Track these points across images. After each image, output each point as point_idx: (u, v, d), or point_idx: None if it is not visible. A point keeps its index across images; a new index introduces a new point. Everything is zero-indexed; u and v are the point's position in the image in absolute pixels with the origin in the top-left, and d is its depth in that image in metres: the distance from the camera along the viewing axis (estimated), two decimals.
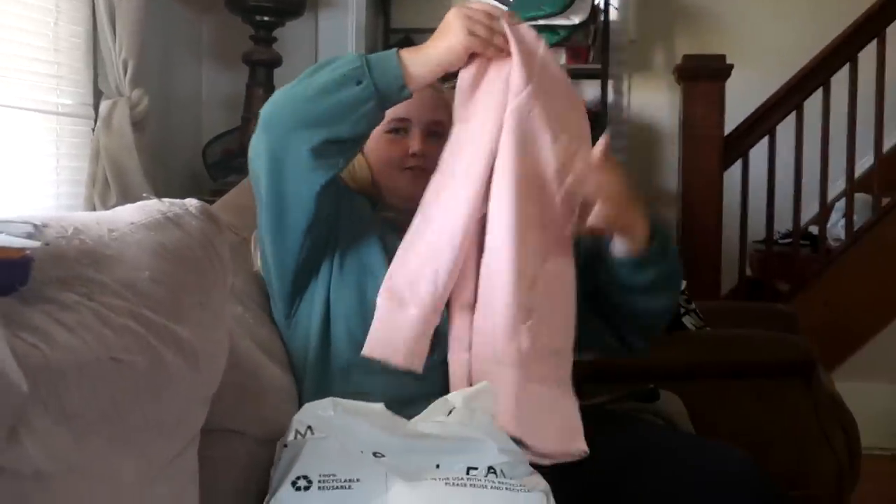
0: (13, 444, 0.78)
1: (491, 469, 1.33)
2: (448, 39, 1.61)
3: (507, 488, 1.30)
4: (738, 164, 4.29)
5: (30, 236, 1.01)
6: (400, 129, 1.85)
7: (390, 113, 1.78)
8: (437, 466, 1.33)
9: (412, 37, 4.62)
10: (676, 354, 2.39)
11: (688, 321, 2.54)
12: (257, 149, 1.65)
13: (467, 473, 1.32)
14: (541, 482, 1.35)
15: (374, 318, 1.60)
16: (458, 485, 1.30)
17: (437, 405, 1.49)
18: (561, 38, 4.46)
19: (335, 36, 3.88)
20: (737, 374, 2.44)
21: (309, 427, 1.40)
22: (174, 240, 1.20)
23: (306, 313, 1.72)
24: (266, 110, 1.62)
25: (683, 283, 2.51)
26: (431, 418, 1.47)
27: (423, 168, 1.81)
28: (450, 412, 1.47)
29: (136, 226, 1.19)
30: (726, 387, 2.40)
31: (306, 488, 1.29)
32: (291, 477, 1.30)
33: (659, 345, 2.34)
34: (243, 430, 1.42)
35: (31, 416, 0.82)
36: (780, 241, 4.49)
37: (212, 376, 1.17)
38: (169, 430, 1.03)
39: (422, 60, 1.61)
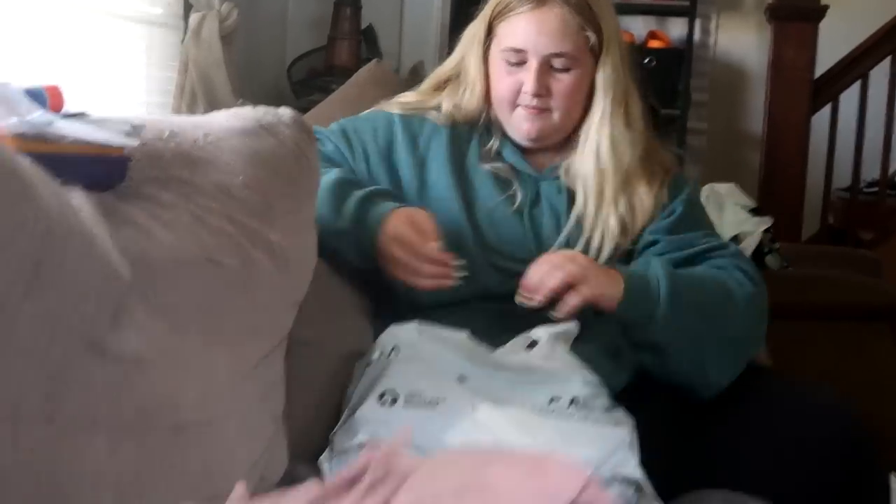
0: (115, 327, 0.80)
1: (574, 400, 1.31)
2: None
3: (592, 421, 1.29)
4: (826, 109, 4.18)
5: (128, 135, 1.02)
6: (517, 60, 1.63)
7: (508, 39, 1.64)
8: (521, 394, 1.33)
9: None
10: None
11: (770, 261, 2.49)
12: None
13: (549, 403, 1.31)
14: (625, 417, 1.32)
15: None
16: (543, 412, 1.29)
17: (520, 340, 1.46)
18: None
19: None
20: (819, 316, 2.39)
21: (394, 347, 1.39)
22: (268, 147, 1.21)
23: None
24: None
25: (768, 224, 2.46)
26: (514, 351, 1.45)
27: (538, 108, 1.63)
28: (531, 344, 1.45)
29: (231, 131, 1.20)
30: (808, 328, 2.36)
31: (392, 402, 1.28)
32: (378, 391, 1.30)
33: None
34: (323, 342, 1.43)
35: (131, 303, 0.84)
36: (866, 190, 4.40)
37: (300, 281, 1.18)
38: (259, 330, 1.05)
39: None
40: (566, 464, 0.93)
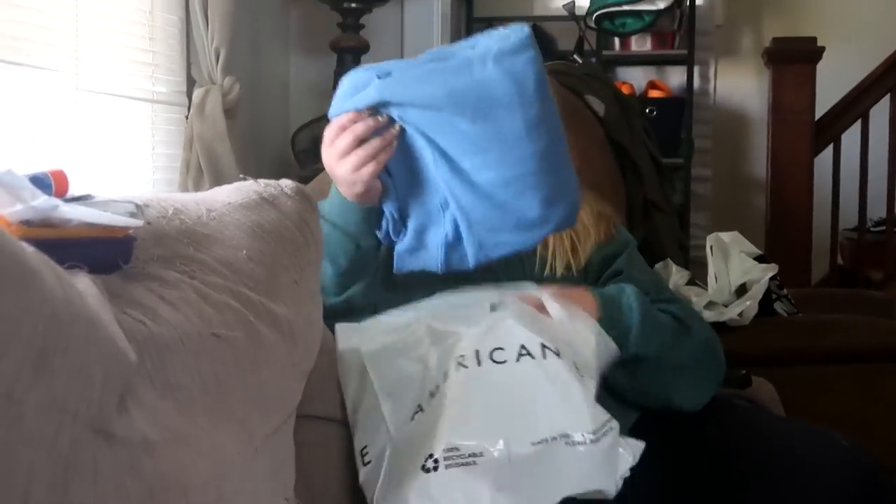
0: (122, 412, 0.80)
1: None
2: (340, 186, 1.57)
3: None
4: (829, 150, 4.20)
5: (132, 216, 1.03)
6: None
7: None
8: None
9: (494, 25, 4.63)
10: (770, 339, 2.35)
11: (779, 307, 2.49)
12: None
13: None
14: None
15: None
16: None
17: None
18: (646, 24, 4.43)
19: (421, 23, 3.89)
20: (833, 360, 2.38)
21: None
22: (270, 219, 1.22)
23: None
24: None
25: (774, 271, 2.46)
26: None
27: None
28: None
29: (233, 206, 1.21)
30: (821, 373, 2.35)
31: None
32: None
33: (752, 330, 2.31)
34: (327, 415, 1.44)
35: (137, 386, 0.85)
36: (873, 230, 4.39)
37: (307, 352, 1.18)
38: (268, 404, 1.05)
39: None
40: None
